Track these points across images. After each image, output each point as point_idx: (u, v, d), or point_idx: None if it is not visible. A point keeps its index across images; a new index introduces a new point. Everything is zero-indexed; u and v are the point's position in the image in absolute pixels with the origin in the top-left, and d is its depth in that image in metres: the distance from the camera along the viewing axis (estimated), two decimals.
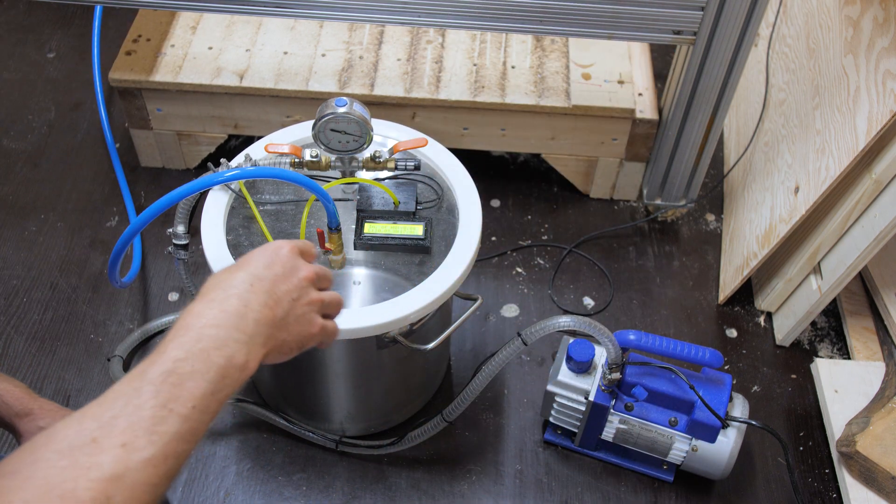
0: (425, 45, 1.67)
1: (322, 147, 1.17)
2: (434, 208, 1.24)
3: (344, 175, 1.22)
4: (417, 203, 1.23)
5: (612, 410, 1.28)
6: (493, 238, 1.69)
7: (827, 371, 1.44)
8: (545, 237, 1.69)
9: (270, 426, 1.39)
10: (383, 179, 1.26)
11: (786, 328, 1.52)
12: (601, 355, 1.30)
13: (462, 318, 1.21)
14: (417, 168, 1.21)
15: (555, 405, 1.31)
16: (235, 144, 1.79)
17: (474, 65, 1.64)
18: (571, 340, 1.28)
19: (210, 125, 1.67)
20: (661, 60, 1.93)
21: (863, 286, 1.56)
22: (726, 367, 1.51)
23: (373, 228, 1.19)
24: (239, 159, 1.19)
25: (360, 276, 1.18)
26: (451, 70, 1.62)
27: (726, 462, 1.26)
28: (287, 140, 1.28)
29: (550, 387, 1.29)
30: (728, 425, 1.25)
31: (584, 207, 1.75)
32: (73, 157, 1.80)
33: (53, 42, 2.05)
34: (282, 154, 1.19)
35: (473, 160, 1.52)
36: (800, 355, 1.53)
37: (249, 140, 1.44)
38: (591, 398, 1.27)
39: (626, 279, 1.63)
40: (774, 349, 1.54)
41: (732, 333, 1.56)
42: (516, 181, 1.79)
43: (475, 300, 1.23)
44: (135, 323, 1.52)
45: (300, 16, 1.42)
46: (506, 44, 1.69)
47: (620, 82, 1.62)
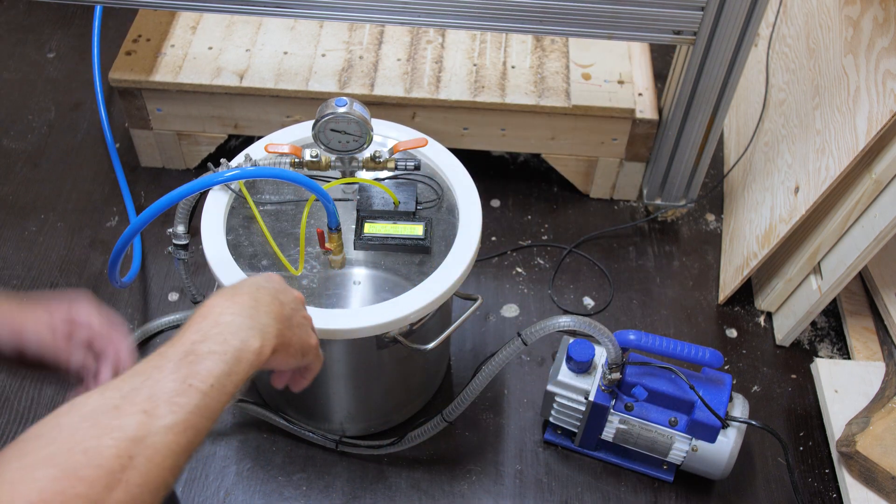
0: (425, 45, 1.67)
1: (322, 147, 1.17)
2: (434, 208, 1.24)
3: (344, 175, 1.22)
4: (417, 203, 1.23)
5: (612, 410, 1.28)
6: (493, 238, 1.69)
7: (827, 371, 1.44)
8: (545, 237, 1.69)
9: (270, 426, 1.39)
10: (383, 179, 1.26)
11: (786, 328, 1.52)
12: (601, 355, 1.30)
13: (462, 318, 1.21)
14: (417, 168, 1.21)
15: (555, 405, 1.31)
16: (235, 144, 1.79)
17: (474, 65, 1.64)
18: (571, 340, 1.28)
19: (210, 125, 1.67)
20: (661, 60, 1.92)
21: (863, 286, 1.55)
22: (726, 367, 1.51)
23: (373, 228, 1.19)
24: (239, 159, 1.19)
25: (360, 276, 1.18)
26: (451, 70, 1.62)
27: (726, 462, 1.26)
28: (287, 140, 1.28)
29: (550, 387, 1.29)
30: (728, 425, 1.25)
31: (584, 207, 1.75)
32: (73, 157, 1.80)
33: (53, 42, 2.05)
34: (282, 154, 1.19)
35: (473, 160, 1.52)
36: (800, 355, 1.53)
37: (249, 140, 1.44)
38: (591, 398, 1.27)
39: (626, 279, 1.63)
40: (774, 349, 1.54)
41: (732, 333, 1.56)
42: (516, 181, 1.79)
43: (475, 300, 1.23)
44: (135, 323, 1.52)
45: (300, 16, 1.42)
46: (506, 44, 1.69)
47: (620, 82, 1.62)
